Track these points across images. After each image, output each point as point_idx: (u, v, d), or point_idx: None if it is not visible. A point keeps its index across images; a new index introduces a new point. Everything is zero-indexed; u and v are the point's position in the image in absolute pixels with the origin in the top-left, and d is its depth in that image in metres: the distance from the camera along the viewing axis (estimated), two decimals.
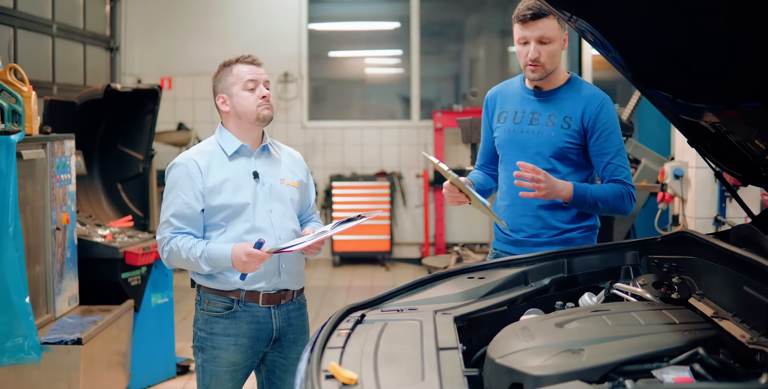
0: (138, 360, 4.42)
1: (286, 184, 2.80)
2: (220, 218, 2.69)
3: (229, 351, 2.71)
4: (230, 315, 2.70)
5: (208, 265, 2.62)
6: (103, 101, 4.94)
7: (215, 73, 2.79)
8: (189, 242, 2.64)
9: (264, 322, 2.73)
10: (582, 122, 2.82)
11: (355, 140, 8.57)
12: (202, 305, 2.75)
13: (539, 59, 2.81)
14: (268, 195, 2.74)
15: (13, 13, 5.72)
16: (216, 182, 2.69)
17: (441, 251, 8.22)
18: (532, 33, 2.80)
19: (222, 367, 2.71)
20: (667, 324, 1.88)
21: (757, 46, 1.88)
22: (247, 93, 2.72)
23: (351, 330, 1.94)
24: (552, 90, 2.90)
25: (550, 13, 2.78)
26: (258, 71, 2.74)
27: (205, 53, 8.34)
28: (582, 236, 2.89)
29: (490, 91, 3.07)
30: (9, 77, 3.74)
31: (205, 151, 2.75)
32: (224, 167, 2.72)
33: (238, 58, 2.76)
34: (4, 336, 3.35)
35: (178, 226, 2.67)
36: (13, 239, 3.33)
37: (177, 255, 2.65)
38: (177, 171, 2.72)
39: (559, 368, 1.64)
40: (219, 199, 2.68)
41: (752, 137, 2.27)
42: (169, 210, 2.69)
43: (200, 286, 2.76)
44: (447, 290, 2.29)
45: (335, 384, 1.62)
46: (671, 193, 4.51)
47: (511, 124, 2.93)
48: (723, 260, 2.13)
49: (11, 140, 3.39)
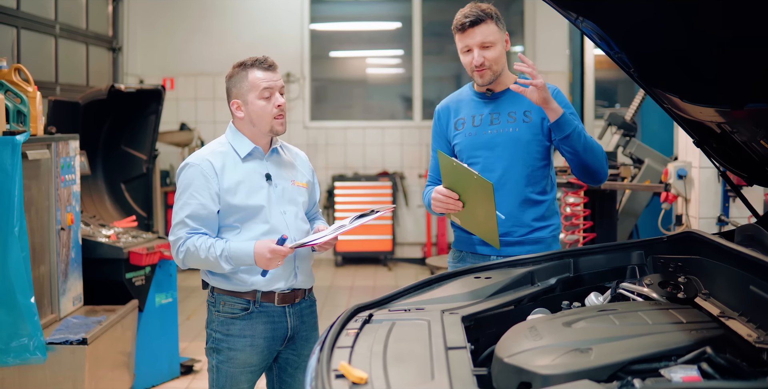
0: (142, 359, 4.43)
1: (296, 185, 2.81)
2: (235, 220, 2.69)
3: (246, 352, 2.71)
4: (246, 316, 2.71)
5: (229, 264, 2.62)
6: (106, 102, 4.95)
7: (229, 75, 2.75)
8: (207, 241, 2.63)
9: (279, 322, 2.74)
10: (541, 113, 2.85)
11: (357, 140, 8.58)
12: (218, 306, 2.74)
13: (484, 64, 2.85)
14: (281, 197, 2.75)
15: (16, 14, 5.72)
16: (231, 184, 2.68)
17: (443, 251, 8.23)
18: (473, 40, 2.84)
19: (238, 368, 2.72)
20: (674, 324, 1.88)
21: (764, 46, 1.89)
22: (263, 102, 2.70)
23: (359, 329, 1.95)
24: (504, 90, 2.94)
25: (487, 18, 2.82)
26: (274, 78, 2.71)
27: (208, 53, 8.35)
28: (551, 236, 2.91)
29: (439, 105, 3.07)
30: (14, 78, 3.75)
31: (219, 151, 2.74)
32: (237, 168, 2.72)
33: (253, 61, 2.72)
34: (10, 336, 3.35)
35: (193, 226, 2.66)
36: (18, 239, 3.34)
37: (194, 255, 2.64)
38: (191, 171, 2.70)
39: (567, 367, 1.65)
40: (234, 200, 2.68)
41: (758, 138, 2.27)
42: (184, 211, 2.67)
43: (214, 288, 2.76)
44: (454, 290, 2.29)
45: (345, 384, 1.63)
46: (674, 193, 4.52)
47: (470, 128, 2.94)
48: (729, 260, 2.13)
49: (16, 140, 3.40)
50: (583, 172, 2.85)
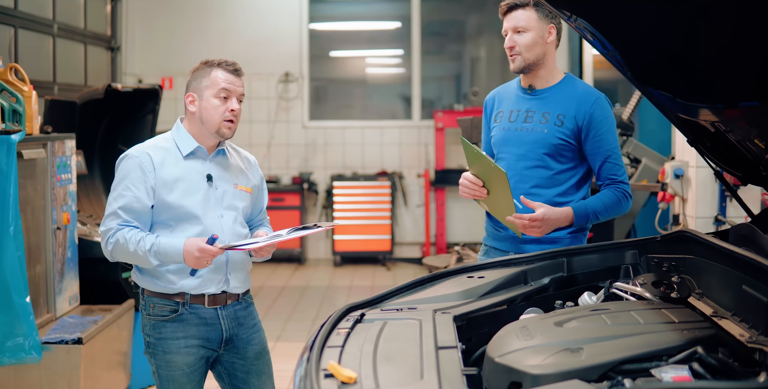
0: (138, 359, 4.42)
1: (239, 189, 2.76)
2: (169, 218, 2.64)
3: (181, 354, 2.66)
4: (177, 318, 2.65)
5: (157, 259, 2.56)
6: (104, 101, 4.94)
7: (194, 69, 2.72)
8: (137, 235, 2.58)
9: (212, 324, 2.69)
10: (576, 119, 2.84)
11: (356, 139, 8.58)
12: (148, 310, 2.69)
13: (514, 48, 2.89)
14: (220, 200, 2.70)
15: (13, 13, 5.72)
16: (168, 180, 2.63)
17: (442, 250, 8.23)
18: (509, 24, 2.90)
19: (177, 371, 2.66)
20: (666, 323, 1.88)
21: (757, 44, 1.88)
22: (218, 102, 2.66)
23: (350, 329, 1.94)
24: (546, 88, 2.93)
25: (526, 4, 2.86)
26: (235, 82, 2.67)
27: (206, 53, 8.25)
28: (570, 236, 2.91)
29: (489, 94, 3.12)
30: (9, 77, 3.74)
31: (160, 146, 2.70)
32: (178, 165, 2.67)
33: (221, 62, 2.68)
34: (5, 335, 3.35)
35: (125, 219, 2.61)
36: (13, 238, 3.33)
37: (123, 248, 2.58)
38: (129, 163, 2.65)
39: (557, 367, 1.64)
40: (170, 197, 2.63)
41: (752, 136, 2.27)
42: (117, 202, 2.62)
43: (144, 290, 2.71)
44: (446, 289, 2.29)
45: (334, 383, 1.62)
46: (672, 192, 4.51)
47: (506, 123, 2.96)
48: (722, 260, 2.12)
49: (12, 139, 3.39)
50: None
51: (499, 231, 2.97)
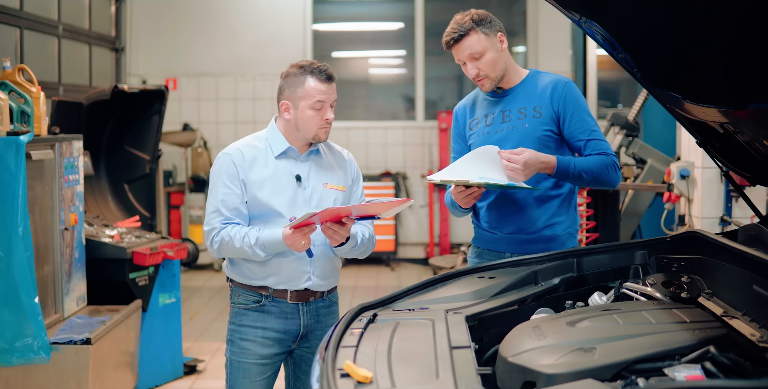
0: (146, 359, 4.44)
1: (329, 188, 2.77)
2: (261, 213, 2.70)
3: (257, 343, 2.73)
4: (259, 308, 2.73)
5: (264, 251, 2.64)
6: (110, 102, 4.96)
7: (285, 73, 2.74)
8: (241, 230, 2.65)
9: (292, 318, 2.75)
10: (552, 107, 2.86)
11: (360, 140, 8.59)
12: (233, 298, 2.79)
13: (479, 74, 2.88)
14: (308, 200, 2.72)
15: (19, 14, 5.73)
16: (257, 179, 2.69)
17: (446, 251, 8.23)
18: (462, 54, 2.87)
19: (250, 359, 2.73)
20: (678, 323, 1.89)
21: (766, 46, 1.89)
22: (312, 112, 2.68)
23: (364, 329, 1.96)
24: (514, 87, 2.94)
25: (468, 31, 2.82)
26: (329, 91, 2.68)
27: (210, 54, 8.36)
28: (566, 233, 2.92)
29: (456, 106, 3.10)
30: (18, 78, 3.76)
31: (253, 145, 2.75)
32: (268, 165, 2.72)
33: (313, 68, 2.68)
34: (14, 336, 3.36)
35: (227, 216, 2.68)
36: (22, 239, 3.35)
37: (229, 245, 2.66)
38: (223, 160, 2.73)
39: (571, 366, 1.65)
40: (259, 195, 2.68)
41: (761, 138, 2.27)
42: (217, 200, 2.70)
43: (232, 280, 2.80)
44: (457, 289, 2.30)
45: (351, 383, 1.63)
46: (677, 193, 4.52)
47: (483, 127, 2.96)
48: (732, 260, 2.14)
49: (20, 140, 3.41)
50: (594, 188, 2.89)
51: (494, 233, 2.96)
